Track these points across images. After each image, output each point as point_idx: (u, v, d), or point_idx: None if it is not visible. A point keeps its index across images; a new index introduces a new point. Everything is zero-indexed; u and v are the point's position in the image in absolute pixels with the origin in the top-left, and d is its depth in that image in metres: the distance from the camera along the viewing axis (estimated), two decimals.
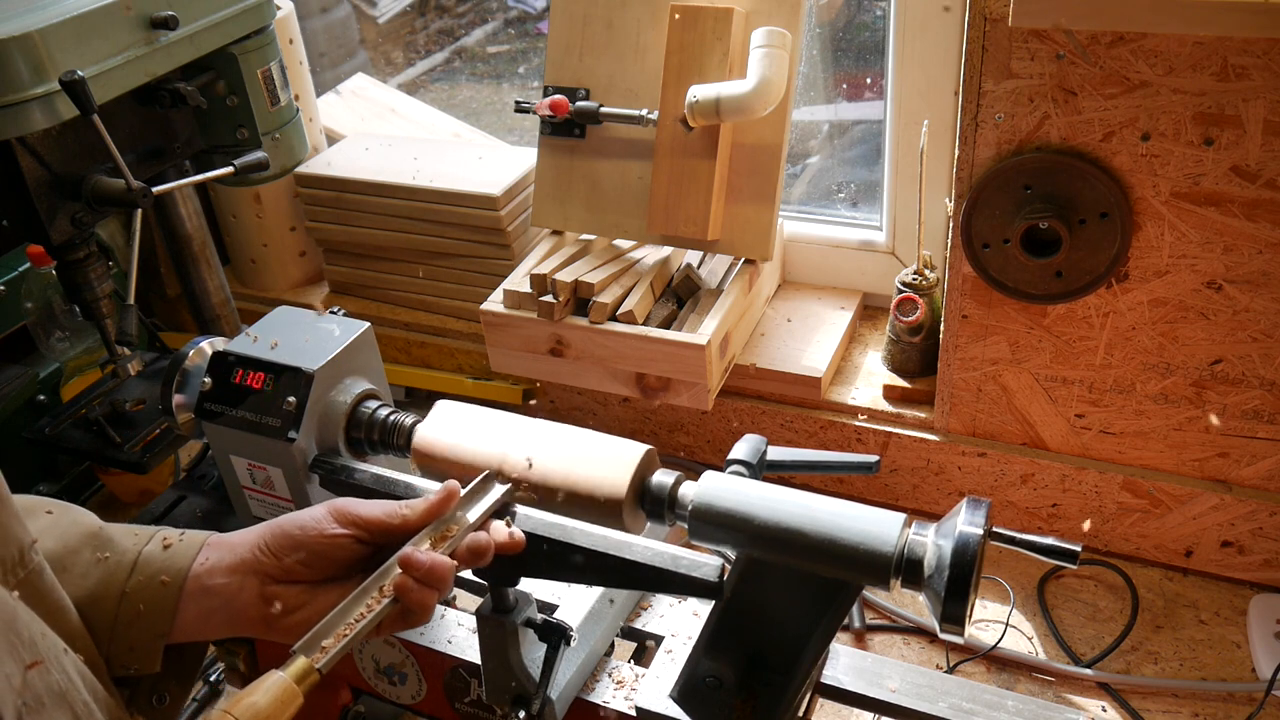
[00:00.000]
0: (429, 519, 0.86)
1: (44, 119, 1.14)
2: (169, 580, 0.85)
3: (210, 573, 0.86)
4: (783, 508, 0.90)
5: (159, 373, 1.27)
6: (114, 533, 0.89)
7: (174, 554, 0.87)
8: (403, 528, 0.85)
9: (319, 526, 0.85)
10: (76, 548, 0.86)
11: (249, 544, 0.86)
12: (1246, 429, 1.33)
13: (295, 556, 0.84)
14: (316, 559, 0.85)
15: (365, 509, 0.86)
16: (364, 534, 0.85)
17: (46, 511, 0.90)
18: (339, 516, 0.85)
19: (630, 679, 1.07)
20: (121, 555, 0.87)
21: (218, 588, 0.85)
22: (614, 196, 1.53)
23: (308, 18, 2.11)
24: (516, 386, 1.79)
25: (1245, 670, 1.33)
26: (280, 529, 0.86)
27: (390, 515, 0.85)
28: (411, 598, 0.81)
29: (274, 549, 0.85)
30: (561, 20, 1.53)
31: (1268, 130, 1.13)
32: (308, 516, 0.86)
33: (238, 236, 1.92)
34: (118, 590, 0.85)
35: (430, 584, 0.81)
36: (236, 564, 0.85)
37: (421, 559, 0.81)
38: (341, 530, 0.85)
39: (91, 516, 0.91)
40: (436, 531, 0.86)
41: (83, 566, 0.85)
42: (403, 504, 0.86)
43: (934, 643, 1.42)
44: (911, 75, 1.50)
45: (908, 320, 1.49)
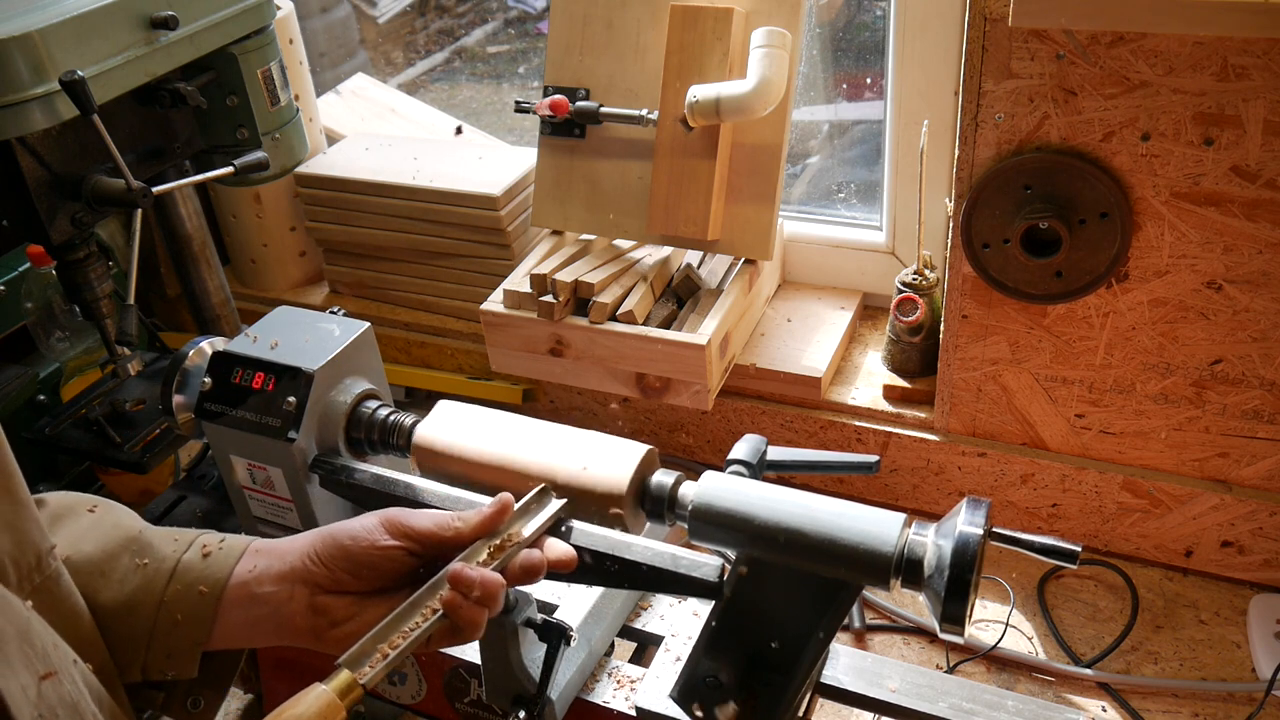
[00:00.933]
0: (482, 532, 0.84)
1: (44, 119, 1.14)
2: (207, 590, 0.84)
3: (259, 580, 0.84)
4: (783, 508, 0.90)
5: (159, 373, 1.27)
6: (154, 537, 0.88)
7: (213, 563, 0.86)
8: (455, 540, 0.83)
9: (370, 537, 0.83)
10: (116, 553, 0.85)
11: (299, 552, 0.85)
12: (1246, 429, 1.33)
13: (345, 567, 0.83)
14: (366, 570, 0.83)
15: (417, 521, 0.84)
16: (415, 546, 0.83)
17: (89, 510, 0.89)
18: (391, 528, 0.83)
19: (630, 679, 1.07)
20: (160, 562, 0.86)
21: (266, 596, 0.84)
22: (614, 196, 1.53)
23: (308, 18, 2.11)
24: (516, 386, 1.79)
25: (1245, 670, 1.33)
26: (332, 538, 0.84)
27: (442, 528, 0.84)
28: (461, 615, 0.79)
29: (324, 559, 0.83)
30: (561, 20, 1.53)
31: (1268, 130, 1.13)
32: (359, 527, 0.84)
33: (238, 236, 1.92)
34: (156, 598, 0.84)
35: (480, 601, 0.80)
36: (286, 572, 0.84)
37: (472, 575, 0.79)
38: (393, 542, 0.83)
39: (133, 517, 0.90)
40: (490, 545, 0.84)
41: (121, 572, 0.85)
42: (455, 516, 0.84)
43: (934, 643, 1.42)
44: (911, 75, 1.50)
45: (908, 320, 1.49)
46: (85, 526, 0.87)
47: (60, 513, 0.88)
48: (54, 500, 0.89)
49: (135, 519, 0.90)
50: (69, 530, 0.87)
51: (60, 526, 0.87)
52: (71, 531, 0.86)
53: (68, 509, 0.89)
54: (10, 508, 0.73)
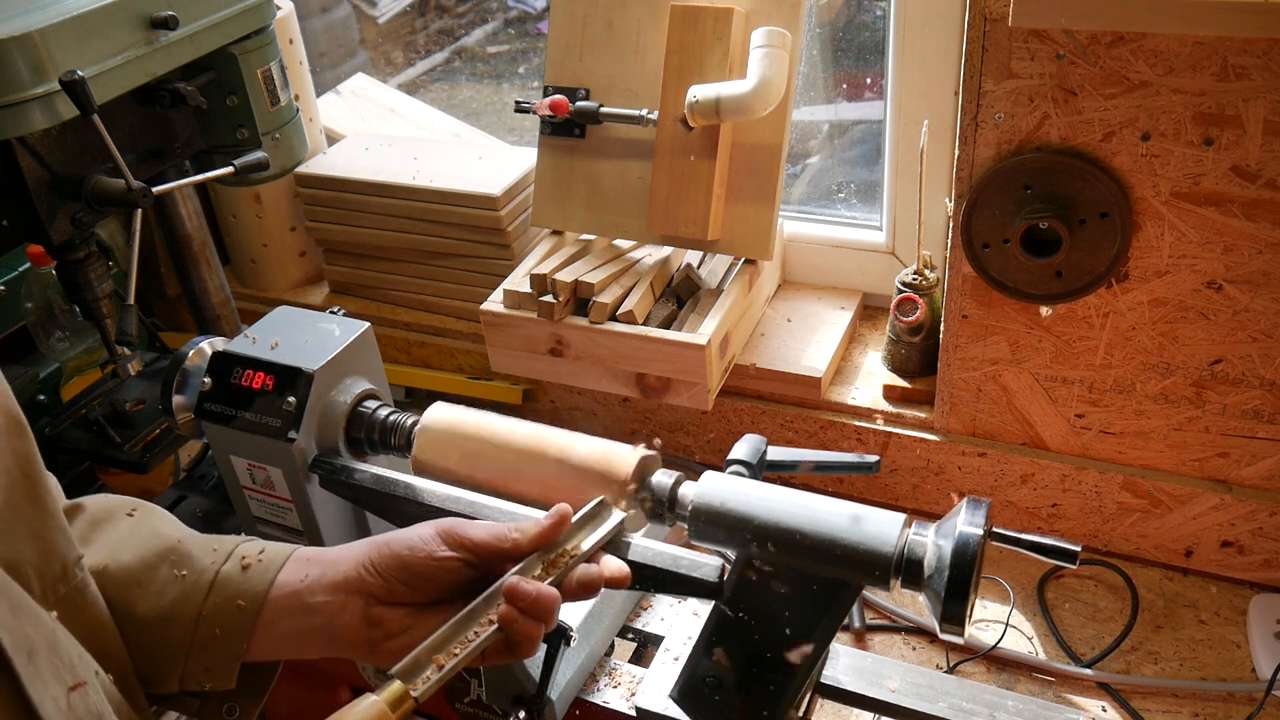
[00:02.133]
0: (539, 544, 0.83)
1: (44, 119, 1.14)
2: (246, 605, 0.83)
3: (311, 590, 0.83)
4: (783, 508, 0.90)
5: (159, 373, 1.27)
6: (192, 546, 0.87)
7: (252, 576, 0.85)
8: (513, 552, 0.82)
9: (427, 548, 0.82)
10: (154, 563, 0.84)
11: (353, 562, 0.83)
12: (1246, 429, 1.33)
13: (401, 578, 0.82)
14: (423, 581, 0.82)
15: (474, 532, 0.83)
16: (472, 557, 0.82)
17: (128, 514, 0.88)
18: (448, 538, 0.82)
19: (630, 679, 1.07)
20: (199, 575, 0.85)
21: (320, 606, 0.83)
22: (614, 196, 1.53)
23: (308, 18, 2.11)
24: (516, 386, 1.79)
25: (1245, 670, 1.32)
26: (388, 549, 0.83)
27: (499, 539, 0.82)
28: (516, 629, 0.78)
29: (380, 569, 0.82)
30: (561, 20, 1.53)
31: (1268, 130, 1.13)
32: (415, 537, 0.83)
33: (238, 236, 1.92)
34: (194, 612, 0.83)
35: (536, 615, 0.79)
36: (340, 582, 0.83)
37: (528, 589, 0.78)
38: (450, 553, 0.82)
39: (172, 524, 0.89)
40: (546, 557, 0.83)
41: (159, 584, 0.84)
42: (512, 527, 0.83)
43: (934, 643, 1.42)
44: (911, 75, 1.50)
45: (908, 320, 1.49)
46: (124, 533, 0.86)
47: (99, 518, 0.87)
48: (93, 505, 0.88)
49: (175, 525, 0.89)
50: (108, 537, 0.86)
51: (98, 533, 0.86)
52: (110, 538, 0.86)
53: (107, 514, 0.88)
54: (37, 516, 0.73)
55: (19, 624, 0.66)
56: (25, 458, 0.72)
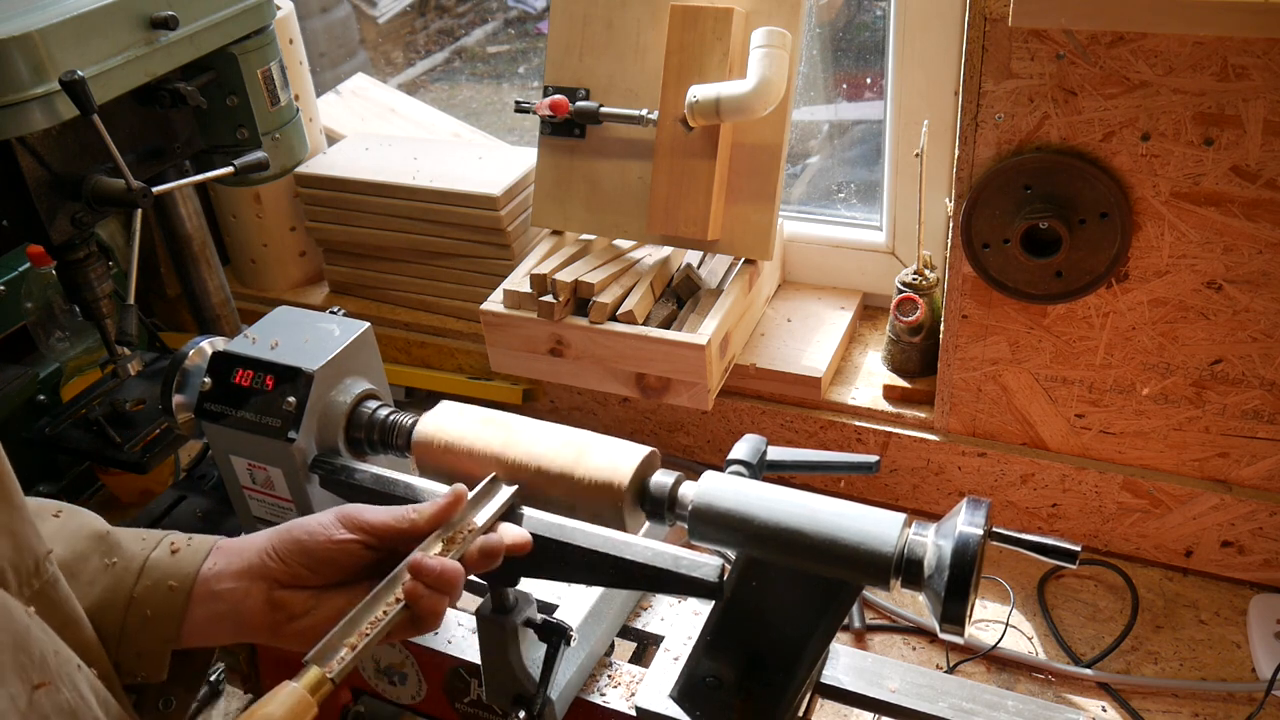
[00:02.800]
0: (437, 523, 0.85)
1: (44, 119, 1.14)
2: (176, 586, 0.85)
3: (218, 577, 0.85)
4: (783, 508, 0.90)
5: (159, 373, 1.27)
6: (121, 537, 0.88)
7: (181, 559, 0.86)
8: (411, 532, 0.85)
9: (326, 532, 0.84)
10: (85, 553, 0.85)
11: (256, 549, 0.86)
12: (1246, 429, 1.33)
13: (302, 561, 0.84)
14: (324, 565, 0.84)
15: (372, 514, 0.85)
16: (372, 539, 0.85)
17: (54, 515, 0.89)
18: (346, 522, 0.85)
19: (630, 679, 1.07)
20: (129, 560, 0.86)
21: (225, 592, 0.85)
22: (614, 196, 1.54)
23: (308, 18, 2.11)
24: (516, 386, 1.79)
25: (1245, 670, 1.33)
26: (289, 534, 0.85)
27: (398, 520, 0.85)
28: (422, 604, 0.80)
29: (281, 554, 0.84)
30: (561, 20, 1.53)
31: (1268, 130, 1.13)
32: (315, 523, 0.85)
33: (238, 236, 1.92)
34: (125, 596, 0.84)
35: (441, 589, 0.81)
36: (244, 569, 0.85)
37: (431, 564, 0.80)
38: (349, 536, 0.84)
39: (98, 520, 0.90)
40: (445, 535, 0.85)
41: (90, 573, 0.85)
42: (410, 508, 0.86)
43: (934, 643, 1.42)
44: (911, 75, 1.50)
45: (908, 320, 1.49)
46: (52, 530, 0.87)
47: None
48: None
49: (101, 521, 0.90)
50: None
51: None
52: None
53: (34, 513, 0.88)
54: (7, 511, 0.73)
55: None
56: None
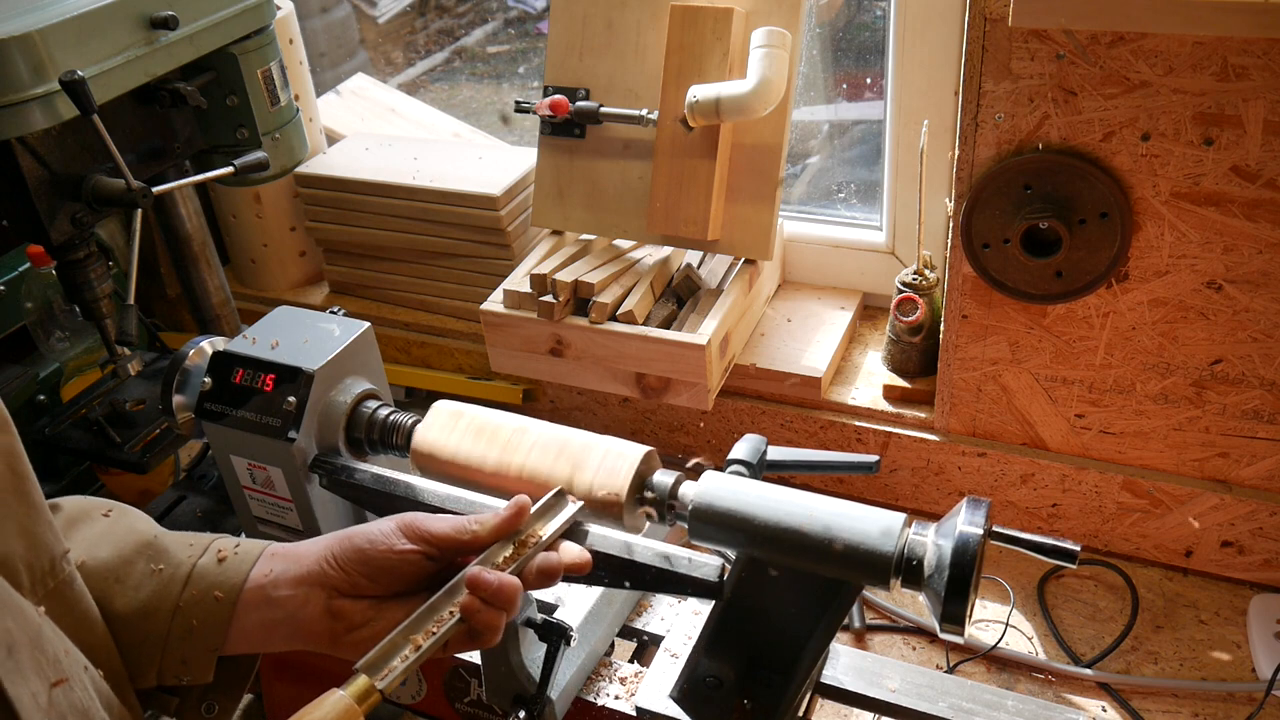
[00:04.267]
0: (498, 535, 0.84)
1: (44, 119, 1.14)
2: (223, 596, 0.84)
3: (275, 584, 0.84)
4: (783, 508, 0.90)
5: (159, 373, 1.27)
6: (169, 542, 0.88)
7: (228, 568, 0.85)
8: (472, 544, 0.83)
9: (388, 542, 0.83)
10: (131, 558, 0.85)
11: (316, 556, 0.84)
12: (1246, 429, 1.33)
13: (362, 571, 0.83)
14: (383, 574, 0.83)
15: (434, 525, 0.84)
16: (433, 550, 0.83)
17: (104, 514, 0.89)
18: (408, 532, 0.83)
19: (630, 679, 1.07)
20: (175, 568, 0.85)
21: (282, 599, 0.84)
22: (614, 196, 1.53)
23: (308, 18, 2.11)
24: (516, 386, 1.79)
25: (1245, 670, 1.33)
26: (349, 542, 0.84)
27: (459, 531, 0.84)
28: (479, 619, 0.79)
29: (342, 563, 0.83)
30: (561, 20, 1.53)
31: (1268, 130, 1.13)
32: (376, 531, 0.84)
33: (238, 236, 1.92)
34: (171, 604, 0.84)
35: (498, 605, 0.80)
36: (303, 576, 0.84)
37: (489, 579, 0.79)
38: (411, 546, 0.83)
39: (147, 522, 0.90)
40: (506, 548, 0.84)
41: (136, 578, 0.84)
42: (472, 519, 0.84)
43: (934, 643, 1.42)
44: (911, 75, 1.50)
45: (908, 320, 1.49)
46: (100, 531, 0.87)
47: (76, 517, 0.88)
48: (69, 505, 0.89)
49: (150, 524, 0.90)
50: (84, 535, 0.86)
51: (75, 531, 0.87)
52: (86, 536, 0.86)
53: (83, 513, 0.88)
54: (25, 512, 0.73)
55: (1, 619, 0.66)
56: (11, 453, 0.73)
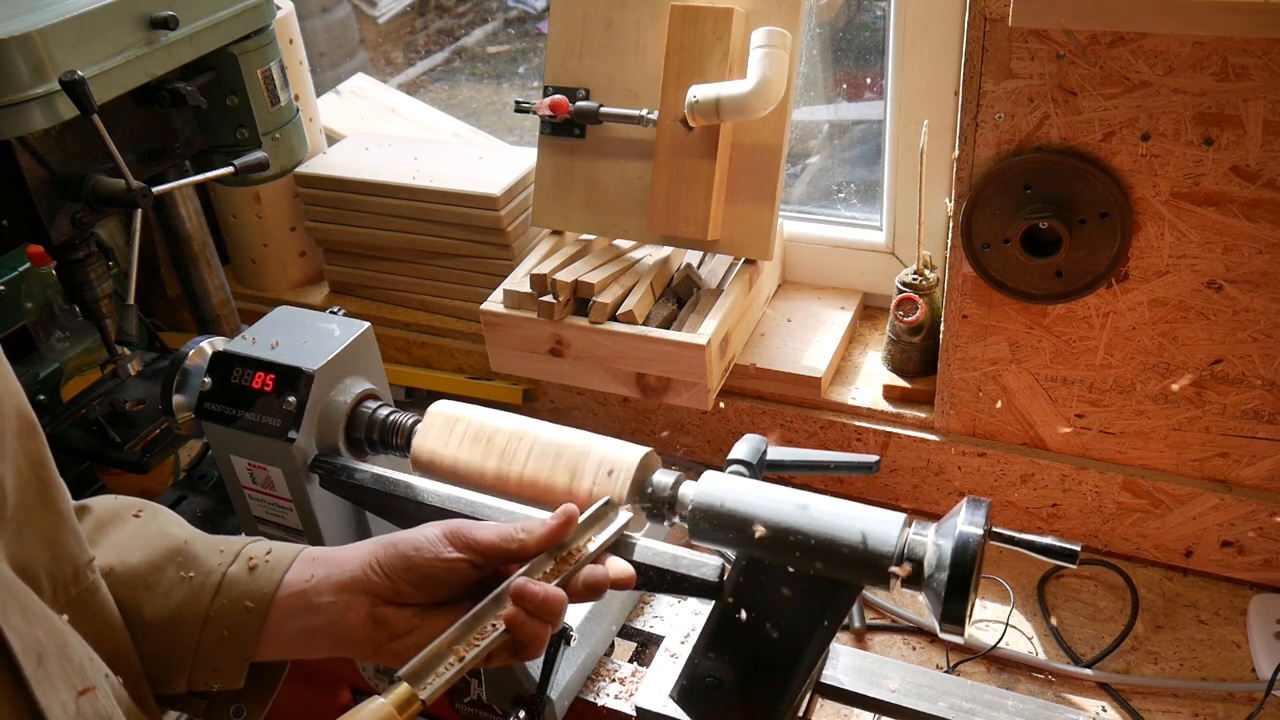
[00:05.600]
0: (546, 545, 0.83)
1: (44, 119, 1.14)
2: (253, 606, 0.83)
3: (317, 590, 0.83)
4: (783, 508, 0.90)
5: (159, 373, 1.27)
6: (199, 547, 0.87)
7: (259, 577, 0.84)
8: (519, 553, 0.82)
9: (434, 549, 0.82)
10: (161, 564, 0.84)
11: (359, 561, 0.83)
12: (1246, 429, 1.33)
13: (408, 578, 0.82)
14: (428, 582, 0.82)
15: (481, 533, 0.82)
16: (478, 559, 0.82)
17: (134, 515, 0.88)
18: (454, 540, 0.82)
19: (630, 679, 1.07)
20: (206, 576, 0.84)
21: (324, 606, 0.82)
22: (614, 196, 1.53)
23: (308, 18, 2.11)
24: (516, 386, 1.79)
25: (1245, 670, 1.32)
26: (395, 549, 0.83)
27: (506, 540, 0.82)
28: (524, 631, 0.78)
29: (386, 569, 0.82)
30: (561, 20, 1.53)
31: (1268, 130, 1.13)
32: (422, 538, 0.83)
33: (238, 236, 1.92)
34: (201, 613, 0.83)
35: (543, 617, 0.79)
36: (346, 582, 0.83)
37: (536, 591, 0.78)
38: (457, 555, 0.81)
39: (178, 524, 0.89)
40: (552, 558, 0.83)
41: (166, 585, 0.84)
42: (519, 528, 0.83)
43: (934, 643, 1.42)
44: (911, 75, 1.50)
45: (908, 320, 1.49)
46: (130, 535, 0.86)
47: (106, 519, 0.87)
48: (99, 506, 0.88)
49: (181, 526, 0.89)
50: (114, 538, 0.86)
51: (105, 535, 0.86)
52: (116, 540, 0.86)
53: (113, 515, 0.88)
54: (49, 520, 0.73)
55: (29, 628, 0.66)
56: (37, 459, 0.72)
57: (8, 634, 0.64)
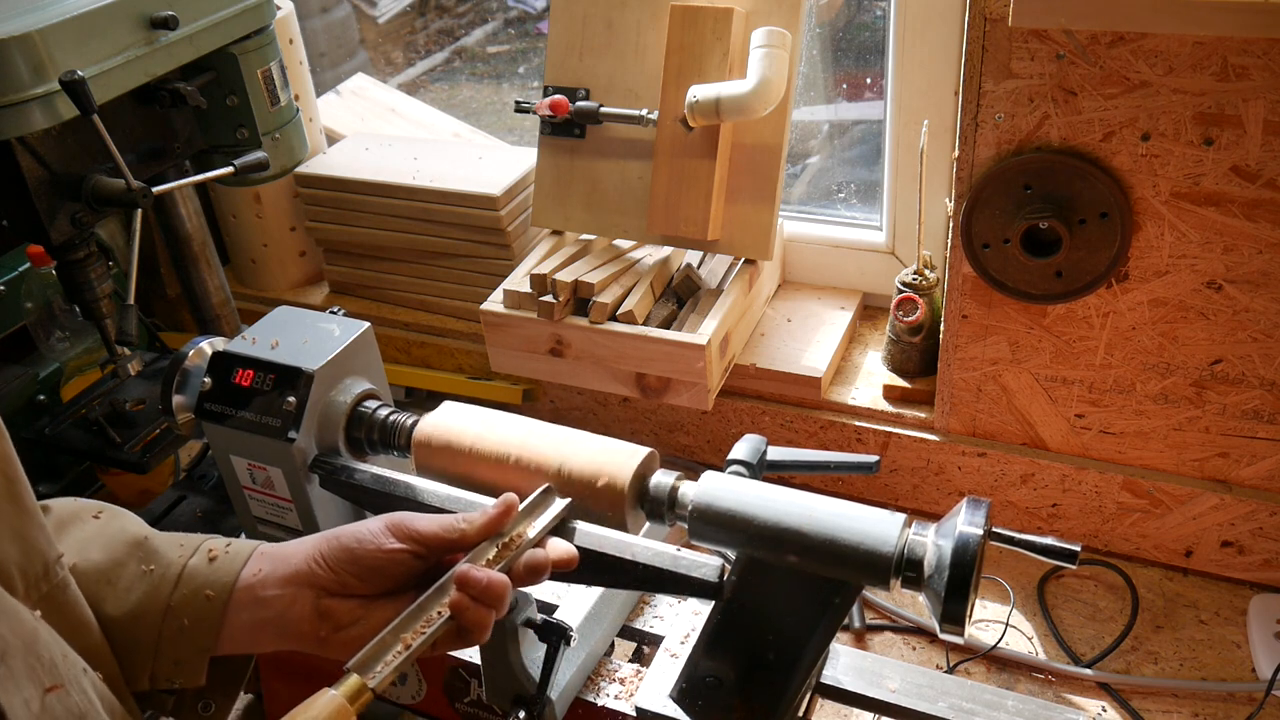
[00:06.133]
0: (487, 534, 0.84)
1: (44, 119, 1.14)
2: (214, 595, 0.84)
3: (263, 584, 0.84)
4: (783, 508, 0.90)
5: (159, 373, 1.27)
6: (159, 543, 0.87)
7: (219, 567, 0.85)
8: (460, 542, 0.83)
9: (376, 541, 0.83)
10: (123, 560, 0.85)
11: (304, 555, 0.84)
12: (1246, 429, 1.33)
13: (351, 570, 0.83)
14: (372, 574, 0.83)
15: (422, 524, 0.84)
16: (421, 549, 0.83)
17: (94, 516, 0.88)
18: (396, 531, 0.83)
19: (630, 679, 1.07)
20: (166, 568, 0.85)
21: (271, 599, 0.83)
22: (614, 196, 1.53)
23: (308, 18, 2.11)
24: (516, 386, 1.79)
25: (1245, 670, 1.33)
26: (337, 542, 0.84)
27: (447, 530, 0.83)
28: (468, 616, 0.79)
29: (330, 562, 0.83)
30: (561, 20, 1.53)
31: (1268, 130, 1.13)
32: (364, 530, 0.84)
33: (238, 236, 1.92)
34: (162, 605, 0.84)
35: (487, 602, 0.80)
36: (290, 575, 0.84)
37: (478, 576, 0.79)
38: (399, 545, 0.82)
39: (138, 523, 0.90)
40: (494, 546, 0.84)
41: (128, 580, 0.84)
42: (460, 518, 0.84)
43: (934, 643, 1.42)
44: (911, 75, 1.50)
45: (908, 320, 1.49)
46: (91, 533, 0.86)
47: (65, 519, 0.88)
48: (59, 506, 0.88)
49: (140, 525, 0.90)
50: (75, 537, 0.86)
51: (66, 533, 0.86)
52: (78, 538, 0.86)
53: (73, 515, 0.88)
54: (17, 515, 0.73)
55: None
56: (4, 457, 0.73)
57: None
